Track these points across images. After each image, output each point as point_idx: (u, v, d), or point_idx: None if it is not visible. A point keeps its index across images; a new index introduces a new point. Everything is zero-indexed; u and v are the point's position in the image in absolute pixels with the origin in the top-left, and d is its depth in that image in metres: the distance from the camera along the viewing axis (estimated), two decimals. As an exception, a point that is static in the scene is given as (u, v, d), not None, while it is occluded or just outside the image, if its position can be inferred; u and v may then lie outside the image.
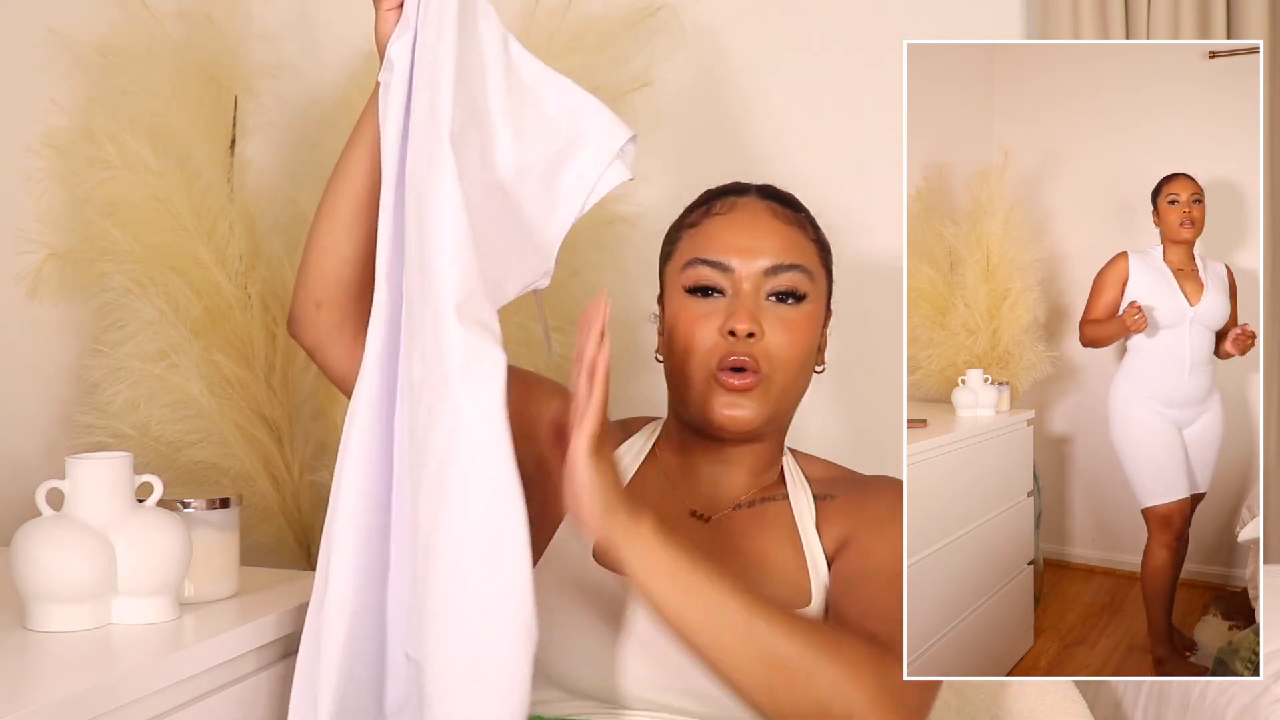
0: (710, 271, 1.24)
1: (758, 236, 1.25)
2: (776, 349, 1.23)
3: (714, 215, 1.29)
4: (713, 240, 1.26)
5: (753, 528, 1.26)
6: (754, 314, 1.22)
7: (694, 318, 1.24)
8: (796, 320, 1.24)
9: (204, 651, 1.16)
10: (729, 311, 1.23)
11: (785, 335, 1.23)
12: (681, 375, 1.25)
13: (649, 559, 1.03)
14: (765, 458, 1.30)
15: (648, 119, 1.85)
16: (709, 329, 1.23)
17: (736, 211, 1.28)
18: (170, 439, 1.70)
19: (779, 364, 1.23)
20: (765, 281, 1.24)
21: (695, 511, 1.28)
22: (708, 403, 1.23)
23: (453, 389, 1.01)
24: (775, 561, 1.22)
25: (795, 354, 1.24)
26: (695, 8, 1.84)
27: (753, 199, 1.30)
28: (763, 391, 1.23)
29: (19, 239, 1.74)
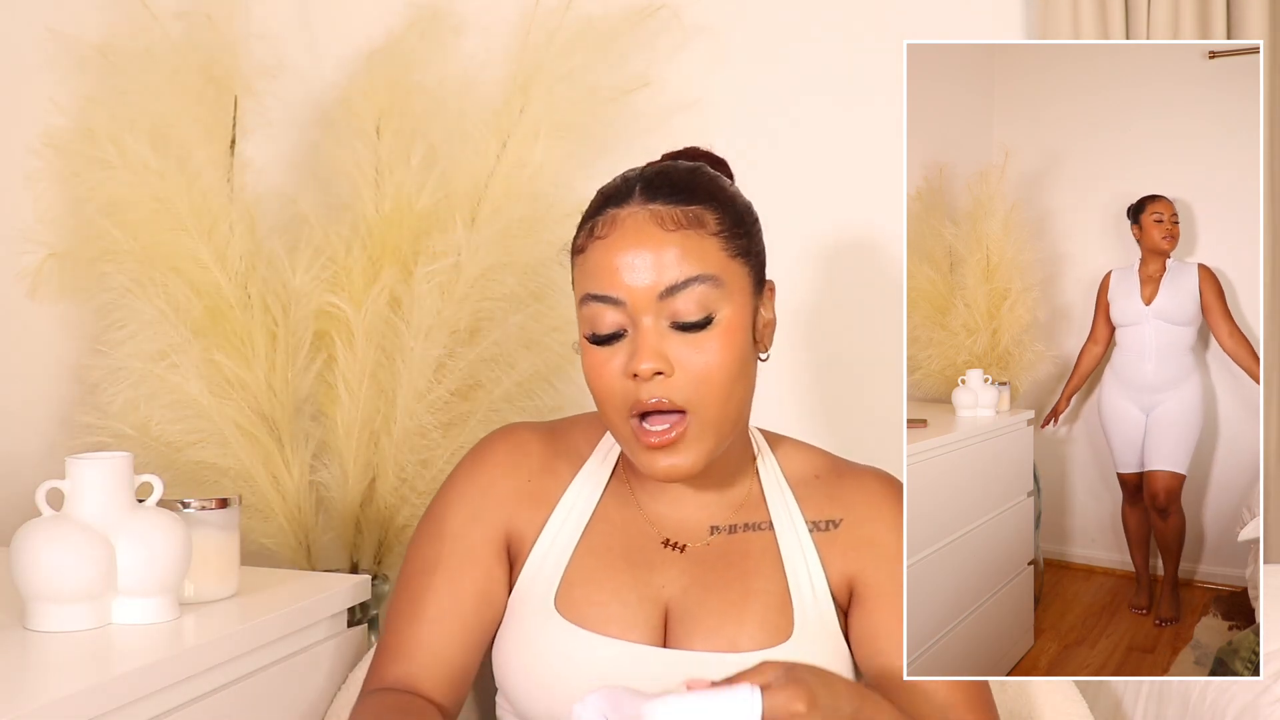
0: (603, 309, 1.11)
1: (642, 255, 1.10)
2: (691, 377, 1.10)
3: (596, 238, 1.14)
4: (598, 269, 1.12)
5: (734, 557, 1.19)
6: (658, 350, 1.10)
7: (598, 364, 1.13)
8: (709, 343, 1.11)
9: (204, 651, 1.16)
10: (630, 351, 1.11)
11: (699, 359, 1.10)
12: (610, 426, 1.16)
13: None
14: (732, 465, 1.21)
15: (648, 119, 1.85)
16: (614, 375, 1.12)
17: (617, 230, 1.12)
18: (170, 439, 1.70)
19: (702, 393, 1.10)
20: (663, 307, 1.10)
21: (669, 541, 1.21)
22: (639, 458, 1.14)
23: None
24: (757, 594, 1.16)
25: (718, 375, 1.11)
26: (695, 8, 1.84)
27: (633, 208, 1.13)
28: (695, 433, 1.11)
29: (19, 239, 1.73)
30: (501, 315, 1.76)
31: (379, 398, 1.74)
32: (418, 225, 1.76)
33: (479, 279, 1.73)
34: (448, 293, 1.72)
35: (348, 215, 1.80)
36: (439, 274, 1.71)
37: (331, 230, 1.79)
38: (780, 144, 1.84)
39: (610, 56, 1.81)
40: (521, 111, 1.77)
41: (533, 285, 1.78)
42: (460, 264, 1.72)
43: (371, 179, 1.77)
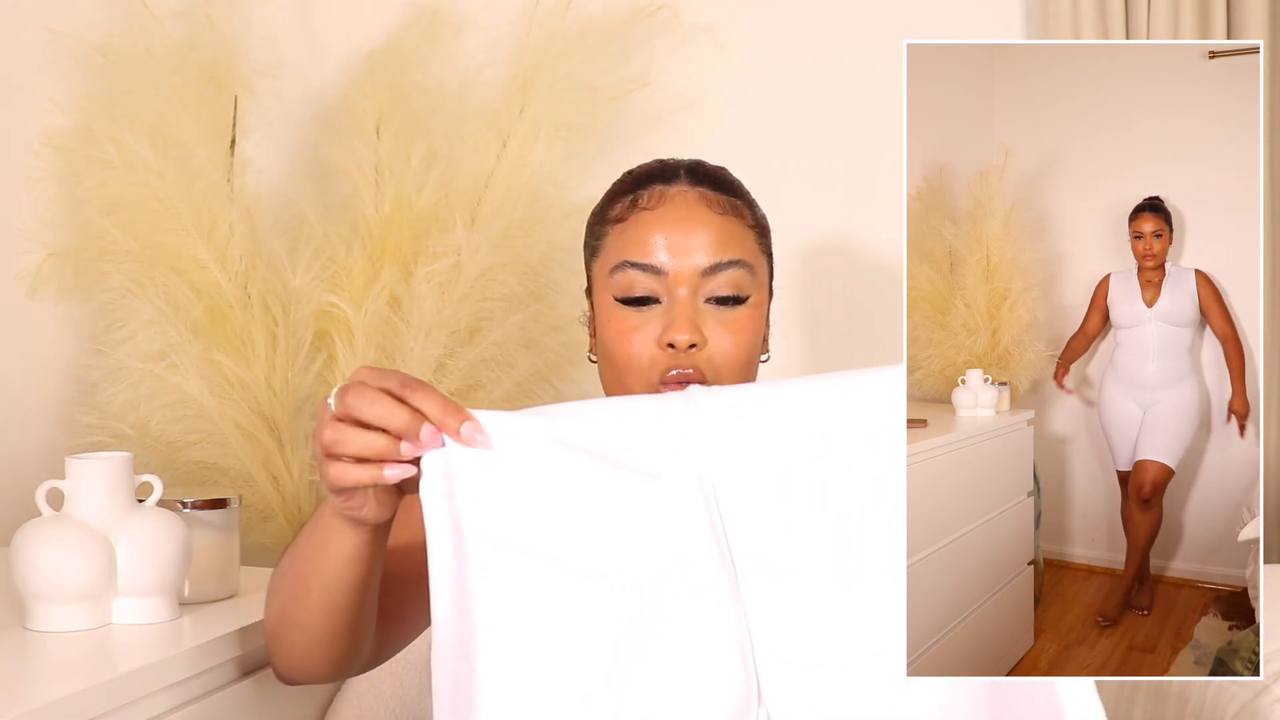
0: (641, 276, 1.14)
1: (691, 233, 1.14)
2: (721, 356, 1.13)
3: (641, 209, 1.17)
4: (642, 239, 1.15)
5: None
6: (694, 322, 1.12)
7: (628, 329, 1.14)
8: (740, 322, 1.14)
9: (204, 651, 1.16)
10: (666, 321, 1.13)
11: (729, 339, 1.14)
12: (621, 389, 1.16)
13: None
14: None
15: (648, 119, 1.85)
16: (645, 341, 1.13)
17: (666, 205, 1.16)
18: (170, 439, 1.70)
19: (724, 371, 1.14)
20: (703, 284, 1.13)
21: None
22: None
23: None
24: None
25: (741, 357, 1.14)
26: (695, 8, 1.84)
27: (682, 187, 1.17)
28: None
29: (19, 239, 1.73)
30: (501, 315, 1.76)
31: (379, 398, 1.74)
32: (418, 225, 1.76)
33: (479, 279, 1.73)
34: (448, 293, 1.72)
35: (348, 215, 1.80)
36: (439, 274, 1.71)
37: (331, 230, 1.79)
38: (779, 144, 1.84)
39: (610, 56, 1.81)
40: (521, 111, 1.77)
41: (533, 285, 1.78)
42: (460, 264, 1.72)
43: (371, 179, 1.78)
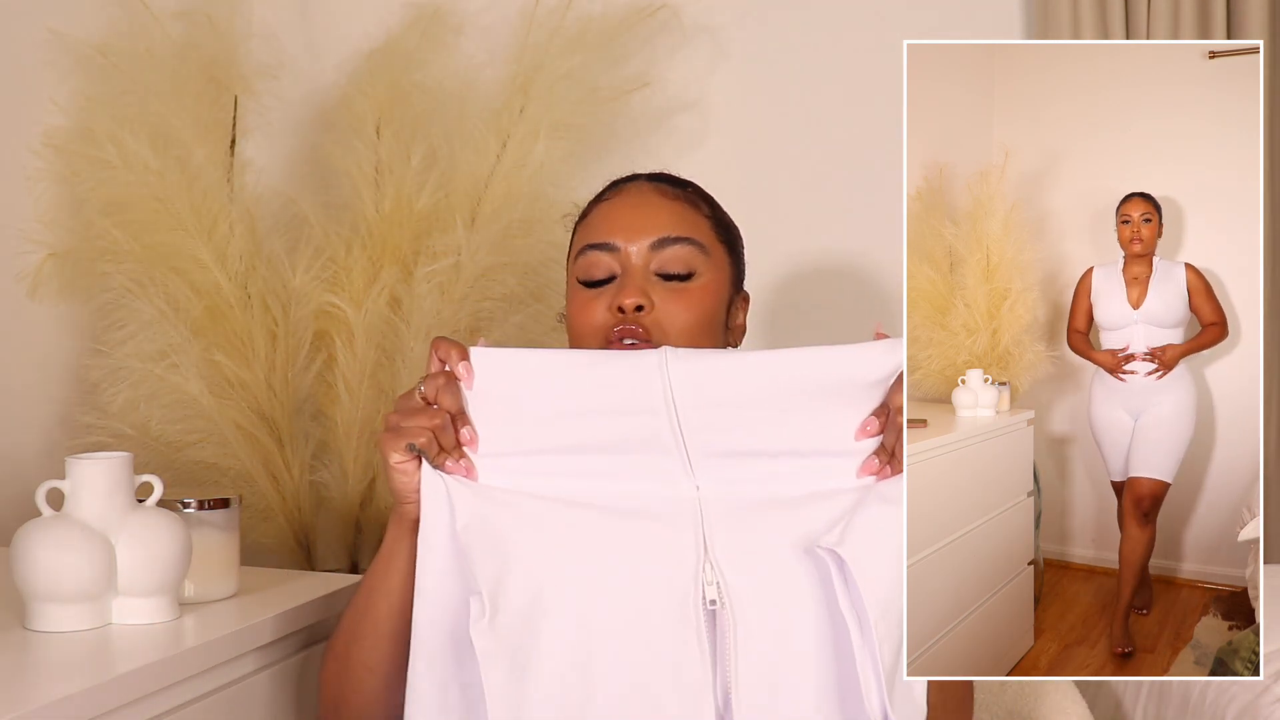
0: (599, 255, 1.23)
1: (642, 213, 1.24)
2: (668, 318, 1.20)
3: (601, 202, 1.28)
4: (599, 224, 1.25)
5: None
6: (641, 287, 1.20)
7: (587, 301, 1.23)
8: (690, 292, 1.22)
9: (204, 651, 1.16)
10: (617, 288, 1.21)
11: (677, 304, 1.21)
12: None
13: None
14: None
15: (648, 119, 1.85)
16: (600, 309, 1.21)
17: (622, 194, 1.27)
18: (170, 439, 1.70)
19: (672, 333, 1.20)
20: (652, 257, 1.22)
21: None
22: None
23: None
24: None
25: (690, 321, 1.21)
26: (695, 8, 1.84)
27: (639, 182, 1.28)
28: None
29: (19, 239, 1.73)
30: (501, 315, 1.76)
31: (379, 398, 1.74)
32: (418, 225, 1.76)
33: (479, 279, 1.73)
34: (448, 293, 1.72)
35: (348, 215, 1.80)
36: (439, 274, 1.71)
37: (331, 230, 1.79)
38: (779, 143, 1.84)
39: (610, 56, 1.81)
40: (521, 111, 1.77)
41: (533, 285, 1.78)
42: (460, 264, 1.72)
43: (371, 179, 1.78)
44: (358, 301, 1.73)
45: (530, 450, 1.10)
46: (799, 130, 1.84)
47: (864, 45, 1.81)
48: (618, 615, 1.04)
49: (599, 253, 1.23)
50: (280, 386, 1.73)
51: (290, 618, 1.27)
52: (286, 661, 1.28)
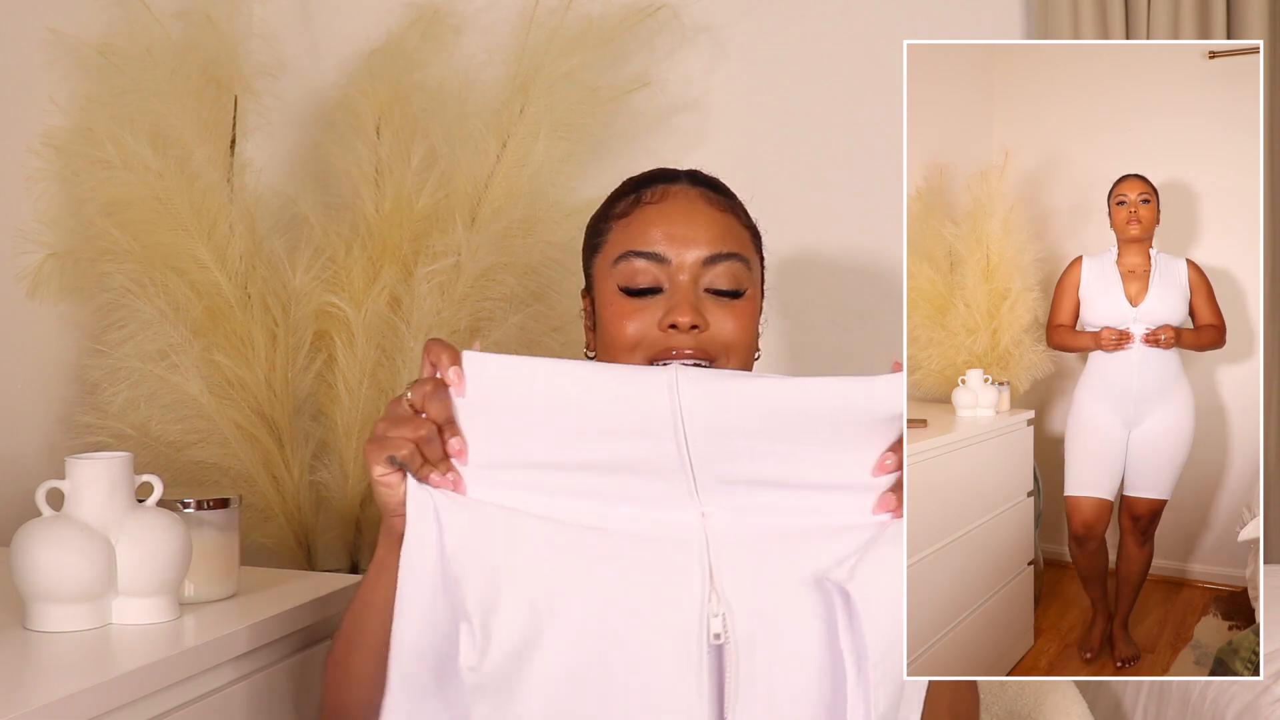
0: (645, 264, 1.18)
1: (693, 225, 1.19)
2: (725, 336, 1.17)
3: (645, 204, 1.22)
4: (646, 231, 1.19)
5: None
6: (695, 306, 1.16)
7: (630, 311, 1.18)
8: (740, 308, 1.19)
9: (204, 651, 1.16)
10: (668, 305, 1.17)
11: (731, 323, 1.18)
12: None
13: None
14: None
15: (648, 119, 1.85)
16: (646, 325, 1.17)
17: (669, 200, 1.21)
18: (170, 439, 1.70)
19: (732, 351, 1.18)
20: (704, 273, 1.18)
21: None
22: None
23: None
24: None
25: (743, 341, 1.19)
26: (695, 8, 1.84)
27: (684, 186, 1.23)
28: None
29: (19, 239, 1.73)
30: (501, 315, 1.76)
31: (379, 398, 1.74)
32: (418, 225, 1.76)
33: (479, 279, 1.73)
34: (448, 293, 1.72)
35: (348, 215, 1.80)
36: (439, 274, 1.71)
37: (331, 230, 1.79)
38: (779, 144, 1.84)
39: (610, 56, 1.81)
40: (521, 111, 1.77)
41: (533, 285, 1.78)
42: (460, 264, 1.72)
43: (371, 179, 1.78)
44: (358, 301, 1.73)
45: (526, 464, 1.04)
46: (799, 130, 1.84)
47: (864, 45, 1.81)
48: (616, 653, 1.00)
49: (645, 261, 1.18)
50: (280, 386, 1.73)
51: (290, 618, 1.27)
52: (286, 661, 1.28)
